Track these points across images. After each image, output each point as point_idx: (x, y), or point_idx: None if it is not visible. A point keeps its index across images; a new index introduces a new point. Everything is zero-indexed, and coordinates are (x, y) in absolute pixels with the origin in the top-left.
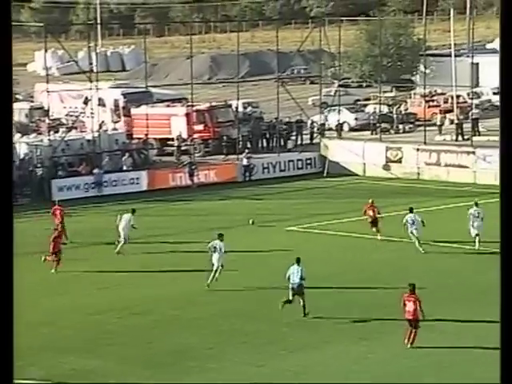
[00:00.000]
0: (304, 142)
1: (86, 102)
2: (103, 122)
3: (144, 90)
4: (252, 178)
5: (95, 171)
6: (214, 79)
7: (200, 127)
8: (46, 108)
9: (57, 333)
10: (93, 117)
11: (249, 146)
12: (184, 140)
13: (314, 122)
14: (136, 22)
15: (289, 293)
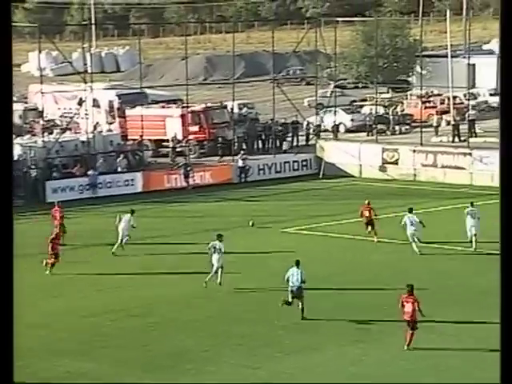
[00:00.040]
0: (300, 144)
1: (81, 103)
2: (98, 123)
3: (139, 91)
4: (248, 180)
5: (90, 173)
6: (210, 80)
7: (195, 128)
8: (40, 109)
9: (52, 335)
10: (87, 118)
11: (244, 147)
12: (179, 141)
13: (309, 123)
14: (131, 22)
15: (288, 295)
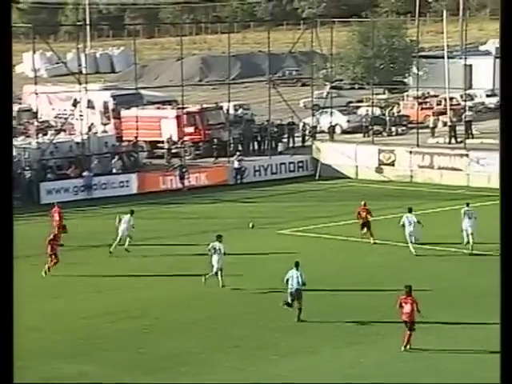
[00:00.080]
0: (296, 145)
1: (75, 104)
2: (92, 124)
3: (134, 91)
4: (243, 181)
5: (84, 174)
6: (205, 81)
7: (191, 129)
8: (35, 110)
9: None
10: (82, 119)
11: (240, 148)
12: (174, 142)
13: (305, 124)
14: (126, 23)
15: (288, 297)
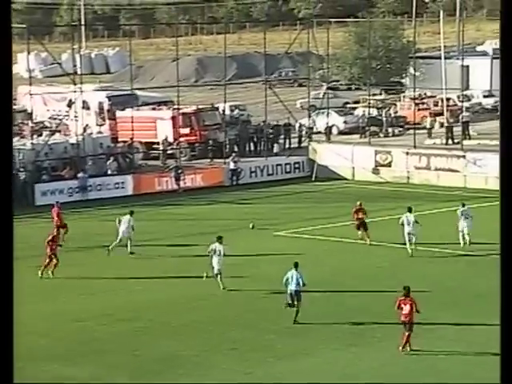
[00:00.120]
0: (292, 146)
1: (70, 104)
2: (87, 125)
3: (129, 92)
4: (239, 182)
5: (79, 175)
6: (201, 82)
7: (186, 131)
8: (29, 111)
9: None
10: (77, 120)
11: (236, 149)
12: (170, 144)
13: (302, 125)
14: (121, 23)
15: (287, 298)
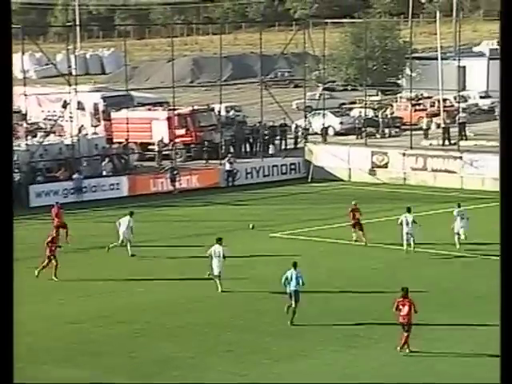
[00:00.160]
0: (288, 147)
1: (65, 105)
2: (82, 126)
3: (124, 93)
4: (235, 184)
5: (74, 176)
6: (196, 82)
7: (182, 131)
8: (24, 112)
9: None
10: (72, 121)
11: (232, 150)
12: (165, 145)
13: (298, 126)
14: (116, 23)
15: (288, 300)
